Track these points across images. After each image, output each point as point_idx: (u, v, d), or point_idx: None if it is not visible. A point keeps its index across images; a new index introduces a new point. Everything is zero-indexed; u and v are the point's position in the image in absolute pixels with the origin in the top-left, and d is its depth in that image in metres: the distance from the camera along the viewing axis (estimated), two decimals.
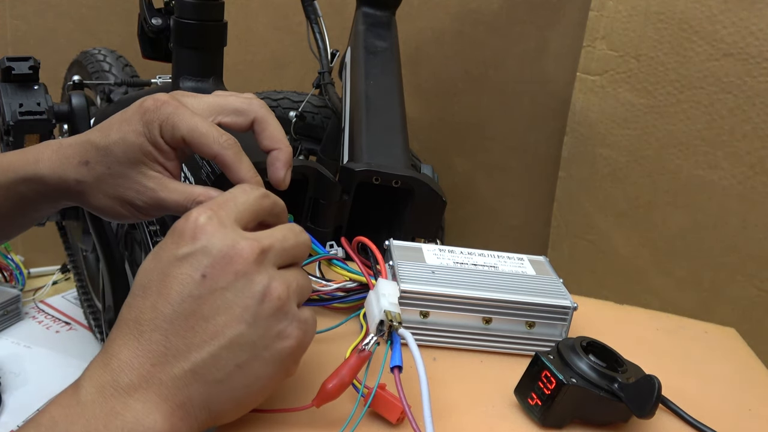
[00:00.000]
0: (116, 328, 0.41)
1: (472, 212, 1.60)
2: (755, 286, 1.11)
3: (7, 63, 1.04)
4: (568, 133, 1.26)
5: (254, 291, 0.41)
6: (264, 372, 0.41)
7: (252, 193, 0.46)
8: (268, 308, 0.41)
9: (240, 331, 0.40)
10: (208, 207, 0.43)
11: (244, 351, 0.40)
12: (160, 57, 1.07)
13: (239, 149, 0.53)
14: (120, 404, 0.38)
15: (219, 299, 0.40)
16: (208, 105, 0.55)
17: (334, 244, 0.62)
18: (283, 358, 0.42)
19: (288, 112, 1.23)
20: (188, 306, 0.40)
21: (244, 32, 1.70)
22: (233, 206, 0.44)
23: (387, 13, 1.15)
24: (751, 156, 1.07)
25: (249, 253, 0.41)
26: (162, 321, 0.40)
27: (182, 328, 0.40)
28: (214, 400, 0.40)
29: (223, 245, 0.41)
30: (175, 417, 0.39)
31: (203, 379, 0.40)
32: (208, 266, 0.40)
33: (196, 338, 0.40)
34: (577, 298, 0.58)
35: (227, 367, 0.40)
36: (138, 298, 0.41)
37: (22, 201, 0.56)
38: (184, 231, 0.42)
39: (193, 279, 0.40)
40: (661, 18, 1.10)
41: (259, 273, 0.41)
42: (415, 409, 0.43)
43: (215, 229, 0.41)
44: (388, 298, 0.48)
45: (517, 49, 1.44)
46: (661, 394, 0.47)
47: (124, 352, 0.40)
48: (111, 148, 0.54)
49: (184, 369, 0.39)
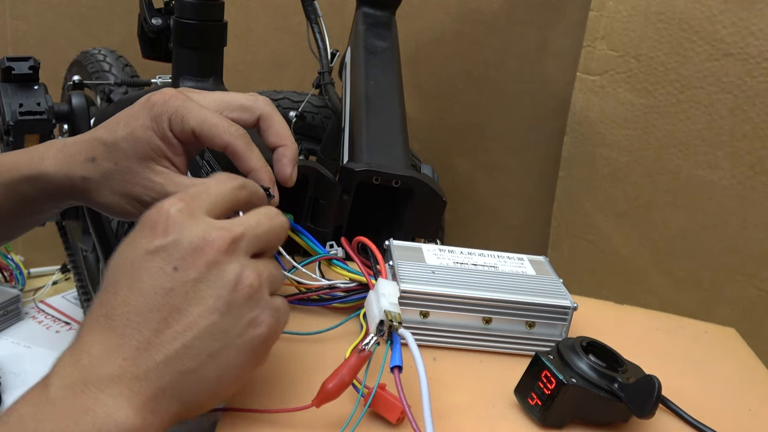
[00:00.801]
0: (85, 325, 0.41)
1: (472, 212, 1.60)
2: (755, 286, 1.11)
3: (7, 63, 1.04)
4: (568, 133, 1.26)
5: (226, 280, 0.41)
6: (236, 360, 0.41)
7: (227, 184, 0.46)
8: (240, 296, 0.41)
9: (213, 321, 0.40)
10: (180, 198, 0.43)
11: (216, 340, 0.40)
12: (160, 57, 1.07)
13: (249, 139, 0.53)
14: (91, 400, 0.38)
15: (191, 290, 0.40)
16: (214, 100, 0.55)
17: (334, 244, 0.62)
18: (255, 346, 0.42)
19: (288, 112, 1.23)
20: (160, 299, 0.40)
21: (244, 32, 1.70)
22: (206, 197, 0.44)
23: (387, 13, 1.15)
24: (751, 156, 1.07)
25: (220, 243, 0.41)
26: (134, 315, 0.40)
27: (155, 320, 0.40)
28: (186, 390, 0.40)
29: (194, 237, 0.41)
30: (146, 410, 0.39)
31: (176, 370, 0.40)
32: (180, 258, 0.41)
33: (169, 330, 0.40)
34: (577, 298, 0.58)
35: (200, 356, 0.40)
36: (108, 294, 0.41)
37: (25, 200, 0.56)
38: (156, 223, 0.42)
39: (164, 272, 0.40)
40: (661, 18, 1.10)
41: (230, 262, 0.41)
42: (415, 409, 0.43)
43: (186, 220, 0.41)
44: (388, 298, 0.48)
45: (517, 49, 1.44)
46: (661, 394, 0.47)
47: (95, 348, 0.39)
48: (118, 143, 0.53)
49: (156, 361, 0.39)
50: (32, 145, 0.57)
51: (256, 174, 0.54)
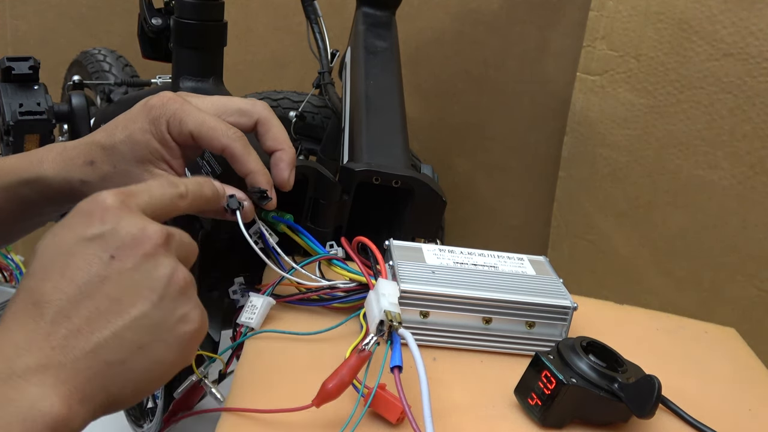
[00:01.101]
0: (10, 314, 0.39)
1: (472, 212, 1.60)
2: (755, 286, 1.11)
3: (7, 63, 1.04)
4: (568, 133, 1.26)
5: (161, 273, 0.41)
6: (165, 355, 0.41)
7: (169, 189, 0.46)
8: (173, 290, 0.41)
9: (145, 311, 0.40)
10: (120, 191, 0.42)
11: (147, 332, 0.40)
12: (160, 57, 1.07)
13: (247, 142, 0.53)
14: (13, 390, 0.37)
15: (126, 279, 0.40)
16: (212, 104, 0.56)
17: (334, 244, 0.62)
18: (184, 342, 0.42)
19: (288, 112, 1.23)
20: (94, 286, 0.39)
21: (244, 32, 1.70)
22: (144, 196, 0.44)
23: (387, 13, 1.15)
24: (751, 156, 1.07)
25: (158, 237, 0.41)
26: (66, 302, 0.39)
27: (86, 308, 0.39)
28: (113, 382, 0.39)
29: (132, 228, 0.41)
30: (73, 399, 0.38)
31: (104, 360, 0.39)
32: (117, 248, 0.40)
33: (100, 318, 0.39)
34: (577, 298, 0.58)
35: (130, 348, 0.40)
36: (36, 280, 0.40)
37: (25, 204, 0.56)
38: (92, 212, 0.41)
39: (101, 259, 0.40)
40: (661, 18, 1.10)
41: (166, 257, 0.41)
42: (415, 409, 0.43)
43: (123, 212, 0.41)
44: (388, 298, 0.48)
45: (517, 49, 1.44)
46: (661, 394, 0.47)
47: (20, 336, 0.38)
48: (117, 146, 0.54)
49: (85, 350, 0.38)
50: (32, 145, 0.57)
51: (253, 176, 0.54)
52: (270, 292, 0.57)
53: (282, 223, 0.60)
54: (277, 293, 0.58)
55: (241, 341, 0.54)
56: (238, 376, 0.51)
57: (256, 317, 0.55)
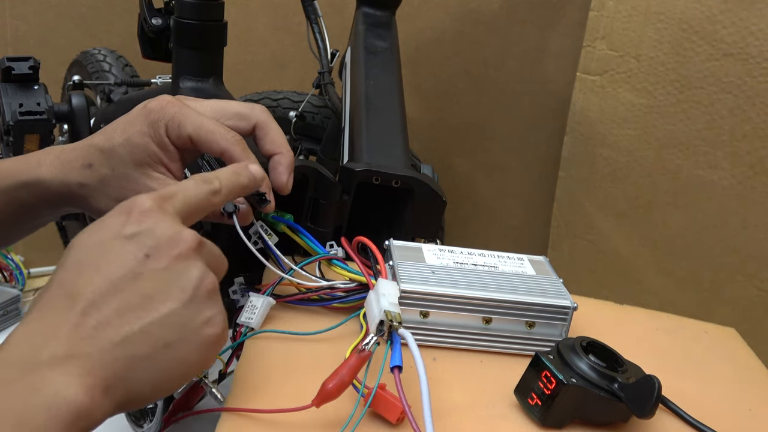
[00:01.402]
0: (41, 304, 0.40)
1: (472, 212, 1.60)
2: (755, 286, 1.11)
3: (7, 63, 1.04)
4: (568, 133, 1.26)
5: (192, 275, 0.42)
6: (188, 355, 0.42)
7: (203, 188, 0.47)
8: (202, 293, 0.42)
9: (174, 309, 0.41)
10: (157, 195, 0.44)
11: (174, 330, 0.41)
12: (160, 57, 1.07)
13: (245, 145, 0.54)
14: (39, 379, 0.37)
15: (158, 278, 0.41)
16: (210, 107, 0.56)
17: (334, 244, 0.62)
18: (208, 345, 0.42)
19: (288, 112, 1.23)
20: (127, 282, 0.40)
21: (244, 32, 1.70)
22: (181, 198, 0.45)
23: (387, 13, 1.15)
24: (751, 156, 1.07)
25: (191, 242, 0.43)
26: (98, 295, 0.40)
27: (117, 302, 0.40)
28: (136, 377, 0.40)
29: (168, 230, 0.42)
30: (96, 390, 0.38)
31: (131, 353, 0.40)
32: (152, 247, 0.41)
33: (130, 313, 0.40)
34: (577, 298, 0.58)
35: (156, 343, 0.40)
36: (70, 273, 0.41)
37: (23, 207, 0.56)
38: (130, 212, 0.42)
39: (136, 257, 0.41)
40: (661, 18, 1.10)
41: (197, 260, 0.43)
42: (415, 409, 0.43)
43: (160, 215, 0.43)
44: (388, 298, 0.48)
45: (517, 49, 1.44)
46: (661, 394, 0.47)
47: (49, 326, 0.39)
48: (115, 149, 0.54)
49: (113, 342, 0.39)
50: (32, 145, 0.57)
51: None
52: (270, 292, 0.57)
53: (282, 223, 0.60)
54: (277, 293, 0.58)
55: (241, 341, 0.54)
56: (238, 376, 0.51)
57: (256, 317, 0.55)
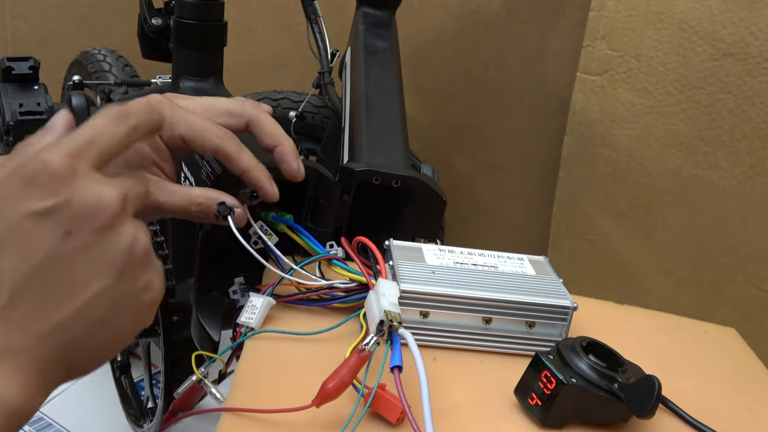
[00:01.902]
0: None
1: (472, 212, 1.60)
2: (755, 286, 1.11)
3: (7, 63, 1.04)
4: (568, 133, 1.26)
5: (121, 244, 0.38)
6: (128, 324, 0.40)
7: (119, 128, 0.42)
8: (135, 260, 0.39)
9: (106, 285, 0.38)
10: (67, 151, 0.38)
11: (109, 307, 0.39)
12: (160, 57, 1.07)
13: (239, 141, 0.53)
14: None
15: (84, 256, 0.38)
16: (201, 106, 0.56)
17: (334, 244, 0.62)
18: (146, 309, 0.40)
19: (288, 112, 1.23)
20: (51, 265, 0.37)
21: (244, 32, 1.70)
22: (96, 149, 0.40)
23: (387, 13, 1.15)
24: (751, 156, 1.07)
25: (115, 205, 0.38)
26: (20, 285, 0.37)
27: (44, 287, 0.37)
28: (75, 357, 0.38)
29: (87, 195, 0.38)
30: (31, 386, 0.37)
31: (65, 339, 0.38)
32: (71, 223, 0.37)
33: (60, 299, 0.37)
34: (577, 298, 0.58)
35: (92, 324, 0.38)
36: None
37: None
38: (38, 179, 0.37)
39: (55, 237, 0.37)
40: (661, 18, 1.10)
41: (123, 224, 0.39)
42: (415, 409, 0.43)
43: (75, 179, 0.38)
44: (388, 298, 0.48)
45: (517, 49, 1.44)
46: (661, 394, 0.47)
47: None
48: None
49: (43, 333, 0.37)
50: None
51: (250, 173, 0.54)
52: (270, 292, 0.57)
53: (282, 223, 0.60)
54: (277, 293, 0.58)
55: (241, 341, 0.54)
56: (238, 376, 0.51)
57: (256, 317, 0.55)
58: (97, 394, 1.13)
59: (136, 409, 1.01)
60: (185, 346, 0.79)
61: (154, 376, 0.99)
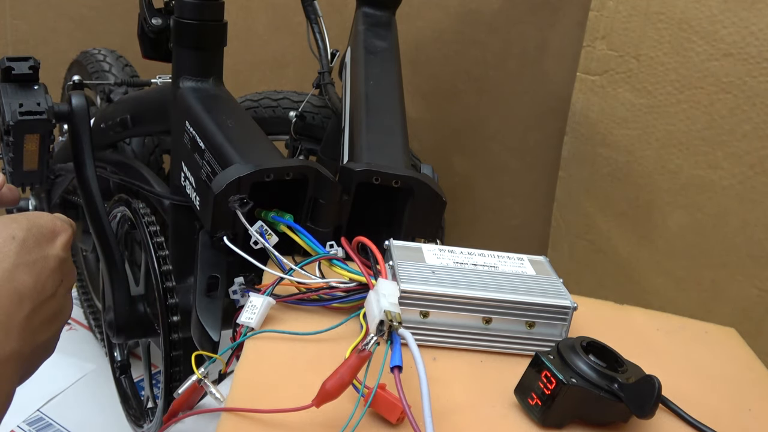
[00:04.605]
0: None
1: (472, 212, 1.60)
2: (755, 286, 1.11)
3: (7, 63, 1.04)
4: (568, 133, 1.26)
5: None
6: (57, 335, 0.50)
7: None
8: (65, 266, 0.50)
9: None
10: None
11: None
12: (160, 57, 1.07)
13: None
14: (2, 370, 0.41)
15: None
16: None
17: (334, 244, 0.62)
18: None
19: (288, 112, 1.23)
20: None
21: (244, 32, 1.70)
22: None
23: (387, 13, 1.15)
24: (751, 156, 1.07)
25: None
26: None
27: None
28: (40, 355, 0.48)
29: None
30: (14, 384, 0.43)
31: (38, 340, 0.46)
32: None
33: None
34: (577, 298, 0.58)
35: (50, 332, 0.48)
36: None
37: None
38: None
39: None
40: (661, 18, 1.10)
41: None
42: (415, 409, 0.43)
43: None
44: (388, 298, 0.48)
45: (517, 49, 1.44)
46: (661, 394, 0.47)
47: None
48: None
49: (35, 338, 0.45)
50: (32, 145, 0.59)
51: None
52: (270, 292, 0.57)
53: (282, 223, 0.60)
54: (277, 293, 0.58)
55: (241, 341, 0.54)
56: (238, 376, 0.51)
57: (256, 317, 0.55)
58: (97, 394, 1.14)
59: (136, 409, 1.01)
60: (185, 346, 0.79)
61: (154, 376, 0.99)
